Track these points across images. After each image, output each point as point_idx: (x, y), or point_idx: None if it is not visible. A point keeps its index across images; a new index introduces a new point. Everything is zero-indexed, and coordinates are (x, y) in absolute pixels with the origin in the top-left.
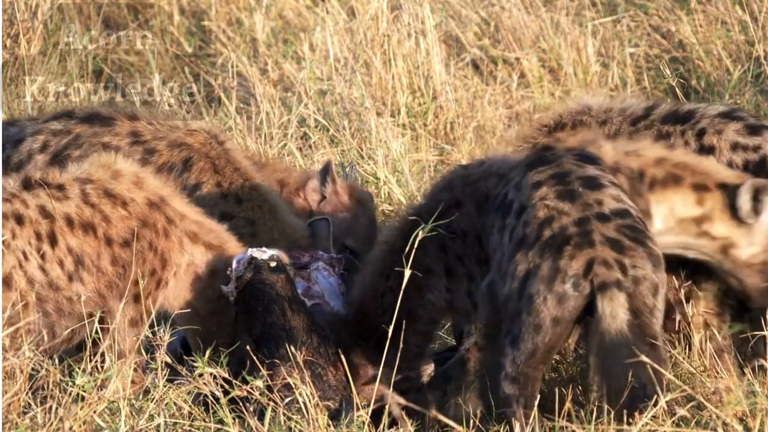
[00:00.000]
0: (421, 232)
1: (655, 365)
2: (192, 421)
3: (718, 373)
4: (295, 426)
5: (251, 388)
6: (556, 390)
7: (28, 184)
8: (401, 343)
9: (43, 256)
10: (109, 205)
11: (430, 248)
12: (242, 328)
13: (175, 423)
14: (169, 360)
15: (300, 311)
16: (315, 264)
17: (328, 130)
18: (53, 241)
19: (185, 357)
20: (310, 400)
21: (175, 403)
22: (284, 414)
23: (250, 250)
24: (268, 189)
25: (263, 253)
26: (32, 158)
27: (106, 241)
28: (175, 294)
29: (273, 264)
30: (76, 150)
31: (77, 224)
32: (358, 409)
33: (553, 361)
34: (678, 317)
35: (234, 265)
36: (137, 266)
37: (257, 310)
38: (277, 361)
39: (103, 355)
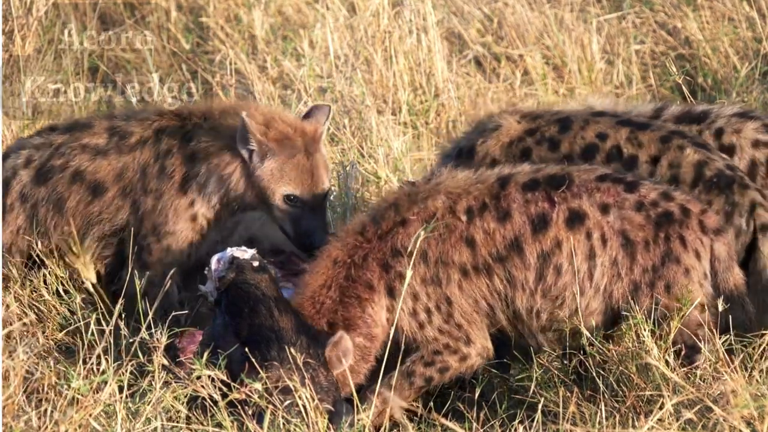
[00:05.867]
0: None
1: None
2: (189, 424)
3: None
4: (295, 429)
5: (250, 390)
6: (561, 392)
7: None
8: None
9: None
10: None
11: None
12: (226, 329)
13: (173, 426)
14: (165, 362)
15: (287, 311)
16: None
17: (328, 128)
18: None
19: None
20: (309, 403)
21: (172, 406)
22: (283, 417)
23: (229, 249)
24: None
25: (244, 253)
26: (17, 174)
27: None
28: None
29: (256, 264)
30: (58, 159)
31: None
32: (358, 412)
33: (556, 363)
34: None
35: (213, 264)
36: None
37: (243, 311)
38: (275, 363)
39: (99, 357)
